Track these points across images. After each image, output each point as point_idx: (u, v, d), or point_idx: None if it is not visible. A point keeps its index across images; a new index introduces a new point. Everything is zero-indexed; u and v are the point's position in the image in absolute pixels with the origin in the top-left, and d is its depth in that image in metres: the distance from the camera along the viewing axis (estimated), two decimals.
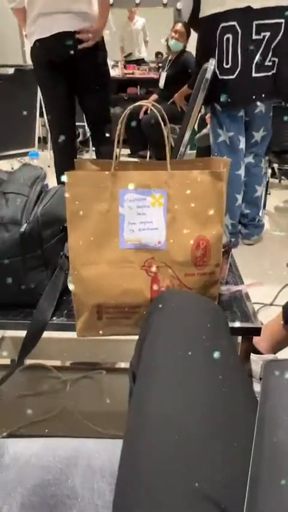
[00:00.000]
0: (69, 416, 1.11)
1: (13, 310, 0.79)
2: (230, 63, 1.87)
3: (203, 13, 1.90)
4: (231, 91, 1.92)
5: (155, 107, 0.70)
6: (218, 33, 1.86)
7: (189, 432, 0.38)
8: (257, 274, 1.98)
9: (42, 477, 0.47)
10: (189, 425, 0.39)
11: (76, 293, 0.69)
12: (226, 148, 2.14)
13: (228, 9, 1.80)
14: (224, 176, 0.68)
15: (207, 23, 1.89)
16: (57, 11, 1.87)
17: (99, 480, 0.47)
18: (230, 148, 2.13)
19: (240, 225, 2.33)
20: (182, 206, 0.67)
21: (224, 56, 1.88)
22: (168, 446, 0.37)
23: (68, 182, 0.65)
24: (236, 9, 1.79)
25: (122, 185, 0.66)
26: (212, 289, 0.73)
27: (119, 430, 0.44)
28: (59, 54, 1.93)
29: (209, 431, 0.38)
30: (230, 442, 0.38)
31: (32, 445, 0.52)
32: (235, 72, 1.87)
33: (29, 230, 0.74)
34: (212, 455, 0.37)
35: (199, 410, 0.40)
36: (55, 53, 1.93)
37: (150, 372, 0.45)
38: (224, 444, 0.38)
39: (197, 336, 0.49)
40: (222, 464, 0.36)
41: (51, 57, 1.95)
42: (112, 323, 0.71)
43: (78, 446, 0.52)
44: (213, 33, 1.87)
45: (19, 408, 1.16)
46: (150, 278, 0.68)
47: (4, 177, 0.83)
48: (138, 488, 0.35)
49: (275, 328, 1.01)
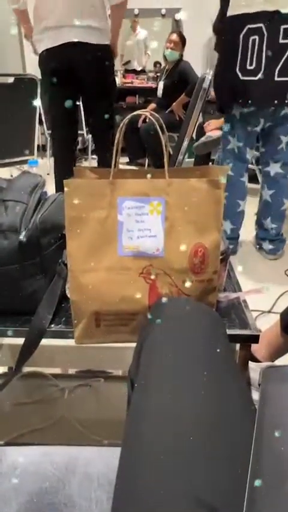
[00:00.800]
0: (67, 425, 1.11)
1: (11, 318, 0.79)
2: (254, 65, 1.84)
3: (230, 12, 1.86)
4: (252, 92, 1.88)
5: (153, 115, 0.70)
6: (243, 34, 1.83)
7: (187, 440, 0.38)
8: (256, 281, 1.99)
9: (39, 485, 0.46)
10: (188, 433, 0.39)
11: (74, 300, 0.69)
12: (233, 156, 2.12)
13: (257, 11, 1.78)
14: (222, 184, 0.68)
15: (233, 22, 1.85)
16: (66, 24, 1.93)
17: (97, 488, 0.47)
18: (237, 156, 2.11)
19: (261, 240, 2.28)
20: (180, 214, 0.68)
21: (248, 57, 1.85)
22: (166, 455, 0.37)
23: (67, 190, 0.66)
24: (265, 12, 1.77)
25: (121, 193, 0.67)
26: (210, 296, 0.73)
27: (117, 438, 0.43)
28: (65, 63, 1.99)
29: (208, 440, 0.38)
30: (229, 450, 0.38)
31: (29, 453, 0.52)
32: (258, 74, 1.84)
33: (28, 237, 0.74)
34: (211, 463, 0.36)
35: (197, 418, 0.40)
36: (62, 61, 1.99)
37: (148, 380, 0.46)
38: (223, 452, 0.38)
39: (194, 343, 0.49)
40: (220, 472, 0.36)
41: (58, 65, 2.00)
42: (110, 330, 0.71)
43: (76, 454, 0.52)
44: (238, 33, 1.84)
45: (17, 416, 1.15)
46: (148, 285, 0.69)
47: (3, 184, 0.84)
48: (136, 497, 0.35)
49: (273, 336, 1.01)
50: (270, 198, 2.17)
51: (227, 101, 1.98)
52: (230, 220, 2.19)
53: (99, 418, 1.14)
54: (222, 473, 0.36)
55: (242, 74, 1.88)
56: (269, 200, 2.18)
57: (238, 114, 2.01)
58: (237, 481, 0.34)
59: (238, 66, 1.87)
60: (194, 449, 0.37)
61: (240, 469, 0.35)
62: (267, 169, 2.15)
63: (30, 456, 0.51)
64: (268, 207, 2.20)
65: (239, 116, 2.01)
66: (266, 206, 2.21)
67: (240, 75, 1.88)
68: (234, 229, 2.22)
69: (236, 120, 2.04)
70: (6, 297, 0.78)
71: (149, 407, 0.42)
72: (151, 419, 0.41)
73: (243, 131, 2.05)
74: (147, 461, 0.37)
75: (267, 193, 2.18)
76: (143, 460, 0.37)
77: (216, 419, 0.41)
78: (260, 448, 0.35)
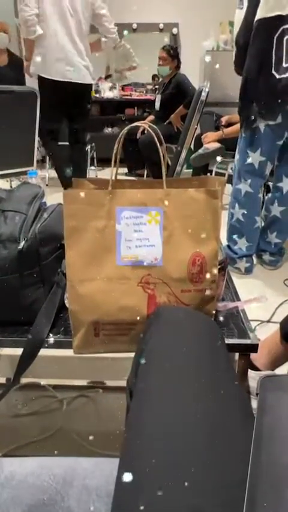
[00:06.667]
0: (65, 436, 1.09)
1: (9, 328, 0.79)
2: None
3: (261, 15, 1.82)
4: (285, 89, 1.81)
5: (151, 127, 0.71)
6: (277, 35, 1.79)
7: (186, 450, 0.38)
8: (255, 291, 1.99)
9: (37, 497, 0.46)
10: (187, 443, 0.39)
11: (73, 310, 0.69)
12: (252, 172, 2.02)
13: None
14: (219, 194, 0.69)
15: (265, 25, 1.81)
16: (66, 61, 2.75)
17: (95, 500, 0.46)
18: (256, 172, 2.02)
19: (261, 251, 2.24)
20: (178, 223, 0.68)
21: (284, 56, 1.80)
22: (165, 465, 0.37)
23: (65, 200, 0.66)
24: None
25: (119, 203, 0.67)
26: (209, 305, 0.73)
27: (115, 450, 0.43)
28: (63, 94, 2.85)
29: (207, 450, 0.38)
30: (228, 459, 0.38)
31: (27, 465, 0.51)
32: None
33: (27, 247, 0.75)
34: (211, 472, 0.36)
35: (196, 428, 0.40)
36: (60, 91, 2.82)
37: (147, 389, 0.45)
38: (222, 461, 0.38)
39: (193, 352, 0.49)
40: (220, 481, 0.36)
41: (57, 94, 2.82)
42: (109, 340, 0.71)
43: (74, 465, 0.52)
44: (271, 34, 1.80)
45: (15, 428, 1.14)
46: (147, 295, 0.69)
47: (3, 195, 0.84)
48: (135, 508, 0.35)
49: (272, 345, 1.01)
50: (280, 215, 2.13)
51: (268, 101, 1.88)
52: (246, 237, 2.12)
53: (97, 430, 1.13)
54: (221, 482, 0.35)
55: (278, 73, 1.83)
56: (278, 216, 2.14)
57: (263, 126, 1.93)
58: (238, 489, 0.34)
59: (273, 67, 1.82)
60: (193, 459, 0.37)
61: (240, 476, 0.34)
62: (280, 185, 2.10)
63: (28, 468, 0.50)
64: (276, 222, 2.16)
65: (263, 128, 1.93)
66: (274, 221, 2.17)
67: (276, 75, 1.83)
68: (250, 247, 2.14)
69: (260, 133, 1.95)
70: (5, 307, 0.77)
71: (148, 417, 0.42)
72: (150, 429, 0.40)
73: (269, 145, 1.96)
74: (146, 472, 0.37)
75: (277, 209, 2.13)
76: (142, 471, 0.37)
77: (215, 428, 0.41)
78: (258, 456, 0.35)
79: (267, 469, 0.34)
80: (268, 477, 0.33)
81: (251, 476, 0.33)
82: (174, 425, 0.40)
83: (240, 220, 2.11)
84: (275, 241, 2.19)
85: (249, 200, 2.07)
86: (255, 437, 0.36)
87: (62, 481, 0.48)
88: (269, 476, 0.33)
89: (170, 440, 0.39)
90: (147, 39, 4.90)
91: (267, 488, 0.32)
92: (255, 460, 0.34)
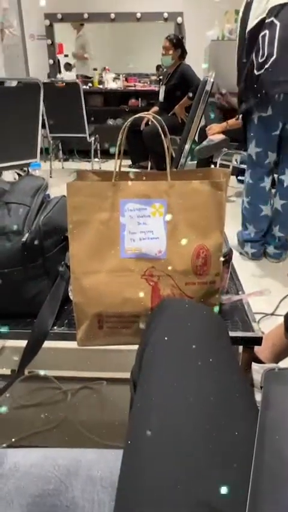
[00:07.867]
0: (69, 427, 1.10)
1: (14, 319, 0.79)
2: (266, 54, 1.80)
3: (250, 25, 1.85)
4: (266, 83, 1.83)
5: (155, 118, 0.71)
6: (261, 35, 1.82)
7: (190, 442, 0.38)
8: (258, 283, 1.98)
9: (41, 487, 0.46)
10: (191, 435, 0.39)
11: (77, 302, 0.69)
12: (251, 162, 2.11)
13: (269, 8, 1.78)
14: (224, 186, 0.68)
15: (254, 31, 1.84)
16: None
17: (100, 491, 0.46)
18: (254, 162, 2.09)
19: (266, 244, 2.26)
20: (182, 216, 0.68)
21: (260, 49, 1.82)
22: (169, 457, 0.37)
23: (69, 192, 0.66)
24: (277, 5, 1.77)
25: (123, 195, 0.67)
26: (213, 298, 0.73)
27: (119, 441, 0.43)
28: None
29: (211, 441, 0.38)
30: (232, 451, 0.38)
31: (31, 455, 0.52)
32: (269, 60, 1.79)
33: (31, 240, 0.75)
34: (215, 465, 0.36)
35: (200, 420, 0.40)
36: None
37: (150, 381, 0.45)
38: (226, 454, 0.38)
39: (197, 345, 0.49)
40: (224, 474, 0.36)
41: None
42: (113, 332, 0.71)
43: (79, 456, 0.52)
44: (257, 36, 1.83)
45: (19, 419, 1.15)
46: (150, 287, 0.69)
47: (6, 187, 0.84)
48: (139, 499, 0.35)
49: (276, 338, 1.01)
50: (281, 208, 2.13)
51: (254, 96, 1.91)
52: (253, 224, 2.20)
53: (102, 421, 1.14)
54: (224, 475, 0.35)
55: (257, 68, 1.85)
56: (279, 210, 2.14)
57: (256, 118, 1.98)
58: (241, 482, 0.34)
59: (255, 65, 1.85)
60: (197, 451, 0.37)
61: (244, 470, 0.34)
62: (282, 178, 2.10)
63: (32, 459, 0.51)
64: (278, 216, 2.16)
65: (257, 120, 1.98)
66: (276, 215, 2.18)
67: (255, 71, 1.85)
68: (257, 233, 2.21)
69: (254, 125, 2.00)
70: (9, 299, 0.78)
71: (151, 409, 0.42)
72: (153, 421, 0.40)
73: (262, 136, 2.01)
74: (150, 463, 0.37)
75: (278, 203, 2.14)
76: (146, 463, 0.37)
77: (218, 420, 0.41)
78: (262, 449, 0.35)
79: (271, 464, 0.34)
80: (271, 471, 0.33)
81: (254, 471, 0.33)
82: (177, 417, 0.40)
83: (246, 208, 2.21)
84: (278, 234, 2.20)
85: (252, 189, 2.14)
86: (259, 431, 0.36)
87: (66, 472, 0.48)
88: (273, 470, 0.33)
89: (174, 432, 0.39)
90: (151, 28, 4.84)
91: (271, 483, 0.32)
92: (258, 453, 0.34)
